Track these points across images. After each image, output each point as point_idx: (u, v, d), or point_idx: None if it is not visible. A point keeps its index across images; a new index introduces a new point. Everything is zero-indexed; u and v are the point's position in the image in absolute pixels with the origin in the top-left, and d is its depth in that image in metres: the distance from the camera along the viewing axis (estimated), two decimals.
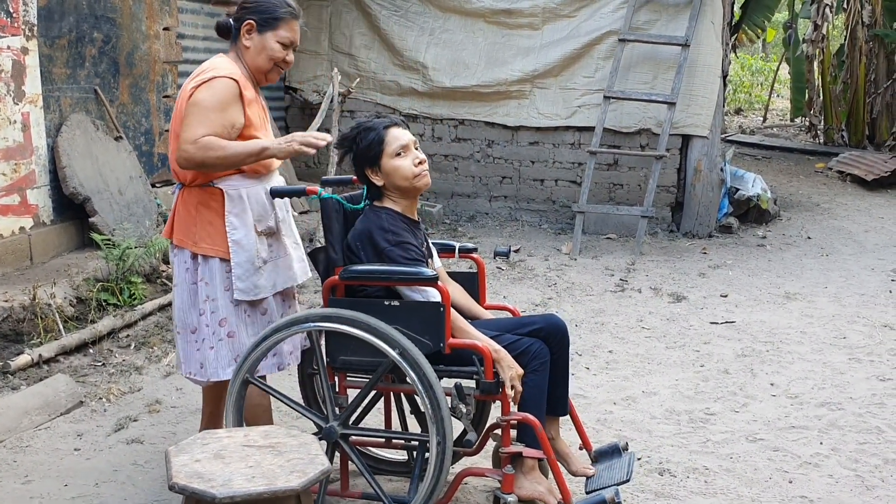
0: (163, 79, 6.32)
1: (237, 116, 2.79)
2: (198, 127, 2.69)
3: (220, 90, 2.75)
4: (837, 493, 3.11)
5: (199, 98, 2.73)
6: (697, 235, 7.39)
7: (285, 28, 2.89)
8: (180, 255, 2.90)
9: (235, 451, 2.12)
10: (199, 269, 2.86)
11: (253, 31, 2.88)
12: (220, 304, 2.85)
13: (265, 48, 2.87)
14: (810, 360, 4.50)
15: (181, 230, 2.88)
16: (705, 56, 7.23)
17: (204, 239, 2.84)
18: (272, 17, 2.87)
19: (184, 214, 2.87)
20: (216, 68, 2.81)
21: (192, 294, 2.89)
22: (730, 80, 17.28)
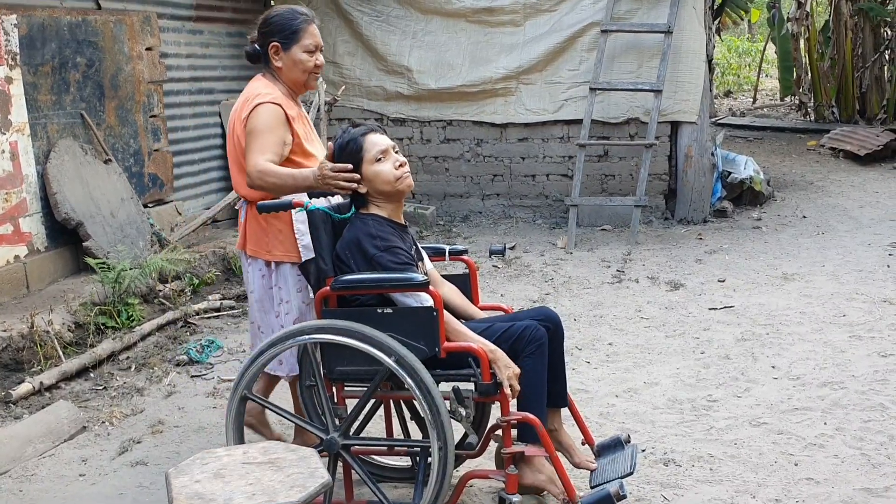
0: (148, 99, 6.33)
1: (286, 135, 3.05)
2: (258, 155, 2.96)
3: (266, 116, 3.00)
4: (843, 472, 3.10)
5: (252, 126, 3.00)
6: (692, 221, 7.39)
7: (306, 36, 3.10)
8: (255, 264, 3.16)
9: (235, 470, 2.12)
10: (273, 276, 3.12)
11: (279, 51, 3.10)
12: (294, 304, 3.11)
13: (296, 62, 3.11)
14: (811, 341, 4.50)
15: (253, 241, 3.14)
16: (689, 41, 7.23)
17: (276, 247, 3.09)
18: (292, 32, 3.09)
19: (255, 227, 3.13)
20: (259, 94, 3.06)
21: (270, 299, 3.16)
22: (717, 64, 17.31)
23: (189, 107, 6.95)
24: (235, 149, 3.12)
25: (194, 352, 4.57)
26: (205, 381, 4.30)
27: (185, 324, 5.08)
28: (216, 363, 4.53)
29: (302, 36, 3.09)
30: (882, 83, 13.16)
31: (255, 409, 3.29)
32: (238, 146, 3.10)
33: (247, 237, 3.16)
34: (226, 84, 7.48)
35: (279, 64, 3.12)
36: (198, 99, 7.07)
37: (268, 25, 3.12)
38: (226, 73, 7.49)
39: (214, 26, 7.33)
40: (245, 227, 3.16)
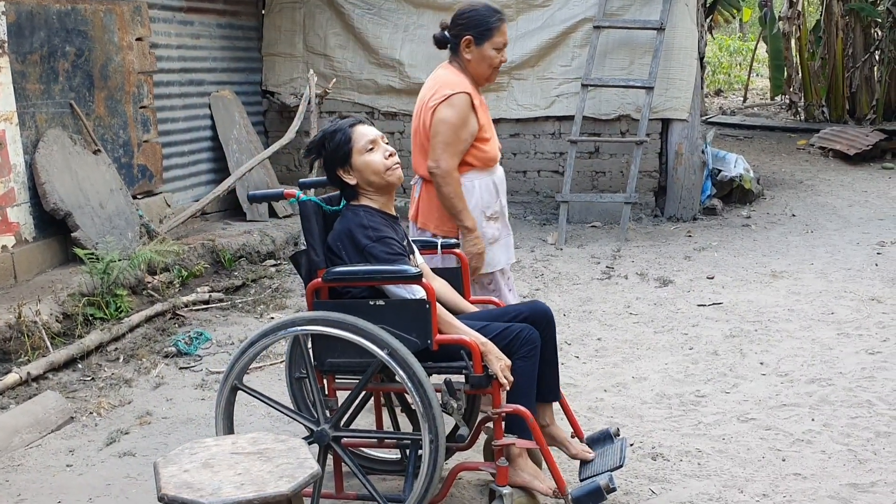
0: (138, 89, 6.28)
1: (473, 125, 3.28)
2: (448, 155, 3.23)
3: (458, 106, 3.24)
4: (831, 468, 3.12)
5: (445, 116, 3.23)
6: (682, 219, 7.41)
7: (498, 34, 3.30)
8: (422, 236, 3.40)
9: (224, 460, 2.11)
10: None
11: (471, 44, 3.30)
12: None
13: (484, 58, 3.32)
14: (799, 338, 4.52)
15: (424, 216, 3.41)
16: (681, 39, 7.24)
17: (445, 223, 3.33)
18: (486, 29, 3.28)
19: (427, 203, 3.39)
20: (451, 84, 3.28)
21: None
22: (708, 62, 17.34)
23: (179, 98, 6.91)
24: (420, 131, 3.35)
25: (183, 344, 4.55)
26: (193, 373, 4.28)
27: (173, 316, 5.06)
28: (204, 355, 4.51)
29: (494, 34, 3.28)
30: (872, 83, 13.24)
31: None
32: (423, 129, 3.32)
33: (419, 211, 3.44)
34: (216, 76, 7.44)
35: (469, 56, 3.31)
36: (188, 90, 7.03)
37: (465, 18, 3.30)
38: (216, 65, 7.45)
39: (205, 17, 7.29)
40: (419, 202, 3.45)
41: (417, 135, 3.39)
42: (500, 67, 3.38)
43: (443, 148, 3.23)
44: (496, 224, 3.41)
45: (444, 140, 3.23)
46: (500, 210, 3.45)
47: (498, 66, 3.35)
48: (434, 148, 3.25)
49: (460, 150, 3.26)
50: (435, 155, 3.25)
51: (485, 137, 3.34)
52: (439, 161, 3.23)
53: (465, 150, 3.28)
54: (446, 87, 3.26)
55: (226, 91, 7.48)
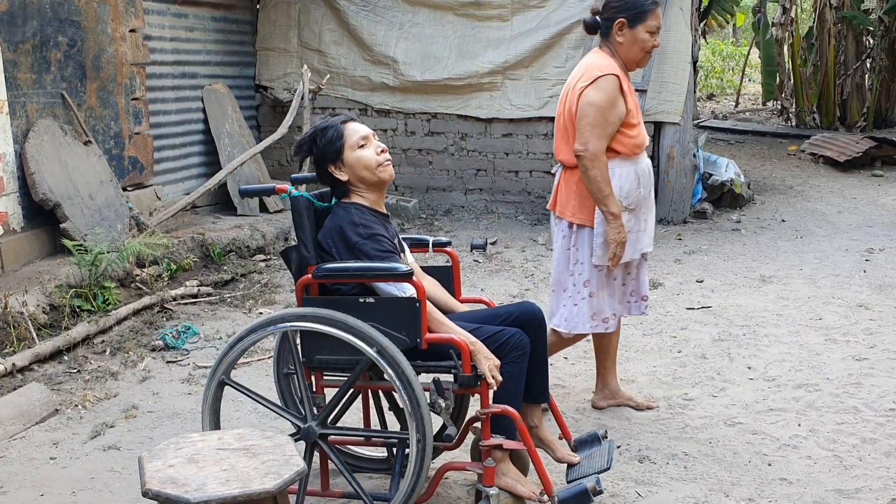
0: (131, 81, 6.25)
1: (621, 108, 3.26)
2: (599, 139, 3.20)
3: (607, 88, 3.22)
4: (816, 473, 3.13)
5: (593, 99, 3.21)
6: (672, 222, 7.43)
7: (652, 18, 3.28)
8: (560, 224, 3.44)
9: (209, 455, 2.10)
10: (572, 237, 3.40)
11: (624, 27, 3.28)
12: (586, 267, 3.39)
13: (637, 41, 3.29)
14: (787, 343, 4.53)
15: (562, 203, 3.42)
16: (675, 42, 7.26)
17: (581, 211, 3.35)
18: (641, 12, 3.27)
19: (565, 190, 3.40)
20: (599, 66, 3.25)
21: (567, 258, 3.43)
22: (701, 66, 17.40)
23: (171, 91, 6.87)
24: (565, 115, 3.33)
25: (170, 337, 4.53)
26: (180, 367, 4.26)
27: (161, 309, 5.03)
28: (192, 349, 4.49)
29: (649, 17, 3.26)
30: (863, 91, 13.30)
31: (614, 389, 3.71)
32: (569, 113, 3.30)
33: (557, 198, 3.44)
34: (209, 69, 7.40)
35: (621, 39, 3.29)
36: (181, 83, 6.99)
37: (619, 1, 3.29)
38: (209, 58, 7.42)
39: (200, 10, 7.25)
40: (557, 189, 3.45)
41: (561, 119, 3.37)
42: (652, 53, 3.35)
43: (590, 130, 3.20)
44: (630, 216, 3.37)
45: (592, 122, 3.20)
46: (638, 201, 3.39)
47: (650, 51, 3.31)
48: (581, 131, 3.23)
49: (608, 134, 3.23)
50: (583, 138, 3.22)
51: (632, 123, 3.30)
52: (587, 143, 3.20)
53: (612, 134, 3.25)
54: (595, 70, 3.25)
55: (219, 85, 7.45)
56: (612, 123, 3.24)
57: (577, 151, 3.26)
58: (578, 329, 3.45)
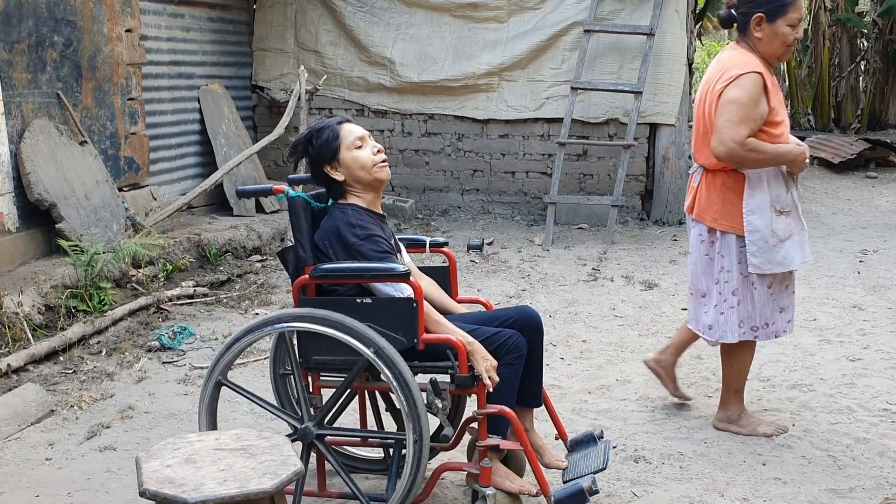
0: (127, 81, 6.25)
1: (764, 106, 3.12)
2: (740, 127, 3.06)
3: (749, 86, 3.08)
4: (810, 473, 3.15)
5: (733, 96, 3.08)
6: (667, 223, 7.44)
7: (793, 10, 3.13)
8: (697, 227, 3.34)
9: (207, 455, 2.10)
10: (715, 243, 3.29)
11: (763, 22, 3.14)
12: (734, 275, 3.27)
13: (777, 35, 3.15)
14: (781, 343, 4.54)
15: (701, 207, 3.30)
16: (670, 44, 7.28)
17: (724, 217, 3.23)
18: (780, 5, 3.12)
19: (706, 194, 3.28)
20: (739, 64, 3.13)
21: (705, 264, 3.34)
22: (697, 68, 17.40)
23: (168, 91, 6.87)
24: (704, 118, 3.21)
25: (166, 338, 4.53)
26: (176, 368, 4.26)
27: (157, 310, 5.03)
28: (188, 350, 4.49)
29: (789, 10, 3.12)
30: (857, 93, 13.36)
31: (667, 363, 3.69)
32: (708, 115, 3.18)
33: (696, 201, 3.32)
34: (206, 69, 7.40)
35: (759, 35, 3.16)
36: (177, 83, 6.99)
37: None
38: (206, 59, 7.42)
39: (196, 10, 7.25)
40: (696, 192, 3.32)
41: (701, 121, 3.24)
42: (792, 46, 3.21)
43: (727, 126, 3.07)
44: (787, 219, 3.23)
45: (729, 118, 3.07)
46: (793, 203, 3.26)
47: (792, 44, 3.18)
48: (718, 129, 3.10)
49: (755, 127, 3.08)
50: (718, 135, 3.09)
51: (776, 121, 3.16)
52: (724, 140, 3.07)
53: (754, 132, 3.10)
54: (735, 68, 3.12)
55: (215, 85, 7.45)
56: (753, 121, 3.09)
57: (714, 152, 3.14)
58: (727, 338, 3.34)
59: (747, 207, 3.19)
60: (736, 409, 3.49)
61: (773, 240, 3.20)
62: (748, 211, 3.19)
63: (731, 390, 3.49)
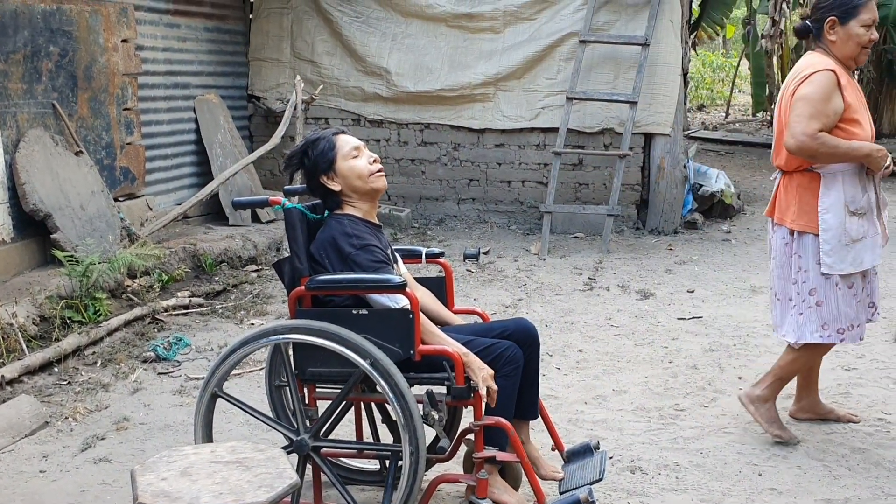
0: (122, 91, 6.25)
1: (838, 103, 3.15)
2: (811, 121, 3.10)
3: (820, 82, 3.13)
4: (806, 483, 3.15)
5: (804, 93, 3.14)
6: (663, 232, 7.46)
7: (865, 11, 3.18)
8: (779, 231, 3.37)
9: (202, 468, 2.10)
10: (794, 244, 3.30)
11: (836, 25, 3.20)
12: (811, 275, 3.28)
13: (851, 37, 3.19)
14: (777, 353, 4.52)
15: (781, 210, 3.35)
16: (665, 55, 7.31)
17: (801, 217, 3.26)
18: (852, 7, 3.18)
19: (784, 196, 3.33)
20: (813, 64, 3.19)
21: (788, 266, 3.35)
22: (691, 78, 17.50)
23: (164, 101, 6.88)
24: (782, 120, 3.25)
25: (161, 349, 4.52)
26: (172, 379, 4.25)
27: (152, 320, 5.02)
28: (183, 361, 4.48)
29: (861, 11, 3.16)
30: None
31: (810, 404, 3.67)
32: (784, 117, 3.22)
33: (776, 205, 3.38)
34: (202, 79, 7.41)
35: (833, 38, 3.21)
36: (173, 93, 7.00)
37: (827, 1, 3.21)
38: (202, 69, 7.42)
39: (192, 21, 7.26)
40: (776, 196, 3.38)
41: (779, 124, 3.30)
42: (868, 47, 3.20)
43: (797, 120, 3.11)
44: (861, 220, 3.23)
45: (800, 112, 3.11)
46: (869, 205, 3.25)
47: (868, 45, 3.19)
48: (790, 124, 3.14)
49: (827, 122, 3.11)
50: (790, 130, 3.12)
51: (852, 118, 3.17)
52: (795, 133, 3.09)
53: (828, 127, 3.12)
54: (809, 68, 3.18)
55: (211, 95, 7.45)
56: (826, 116, 3.11)
57: (786, 145, 3.17)
58: (806, 338, 3.33)
59: (822, 206, 3.22)
60: (767, 393, 3.50)
61: (846, 239, 3.21)
62: (822, 209, 3.22)
63: (777, 376, 3.51)
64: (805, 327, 3.33)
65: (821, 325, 3.31)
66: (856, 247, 3.24)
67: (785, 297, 3.40)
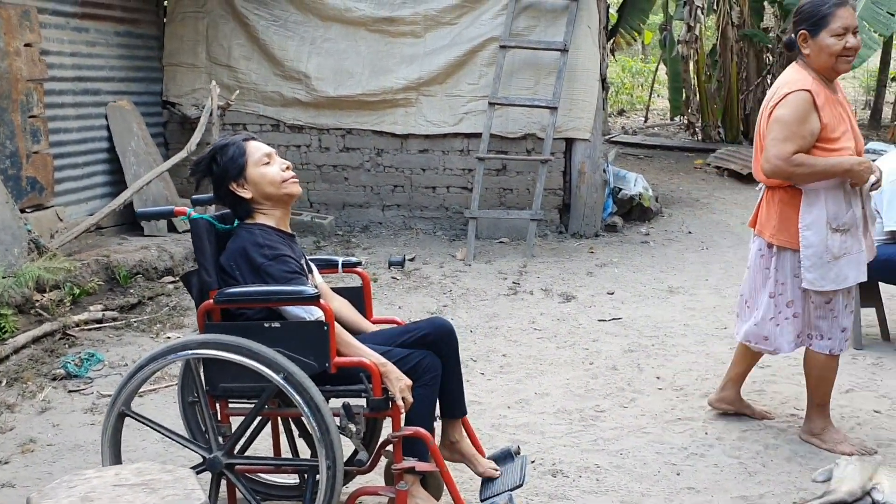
0: (27, 98, 5.99)
1: (814, 123, 3.17)
2: (785, 144, 3.15)
3: (794, 104, 3.16)
4: (722, 481, 3.21)
5: (778, 115, 3.18)
6: (584, 235, 7.56)
7: (834, 20, 3.18)
8: (757, 241, 3.42)
9: (105, 492, 2.00)
10: (772, 258, 3.34)
11: (808, 38, 3.24)
12: (789, 288, 3.33)
13: (822, 48, 3.20)
14: (694, 352, 4.65)
15: (762, 222, 3.39)
16: (584, 60, 7.41)
17: (781, 232, 3.29)
18: (820, 18, 3.20)
19: (766, 210, 3.37)
20: (790, 83, 3.23)
21: (763, 277, 3.40)
22: (611, 83, 17.83)
23: (73, 108, 6.63)
24: (760, 136, 3.29)
25: (72, 365, 4.34)
26: (83, 397, 4.09)
27: (63, 336, 4.83)
28: (96, 377, 4.31)
29: (830, 20, 3.17)
30: None
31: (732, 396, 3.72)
32: (762, 133, 3.27)
33: (757, 216, 3.43)
34: (113, 85, 7.17)
35: (807, 51, 3.25)
36: (83, 100, 6.75)
37: (798, 14, 3.27)
38: (114, 74, 7.19)
39: (102, 24, 7.02)
40: (758, 208, 3.42)
41: (758, 139, 3.34)
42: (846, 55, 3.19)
43: (772, 144, 3.17)
44: (844, 237, 3.23)
45: (775, 136, 3.16)
46: (854, 221, 3.26)
47: (843, 54, 3.18)
48: (766, 147, 3.20)
49: (800, 143, 3.14)
50: (765, 153, 3.19)
51: (830, 137, 3.18)
52: (779, 154, 3.14)
53: (804, 148, 3.15)
54: (784, 87, 3.22)
55: (124, 101, 7.22)
56: (802, 137, 3.16)
57: (762, 169, 3.24)
58: (783, 349, 3.41)
59: (803, 223, 3.24)
60: (819, 422, 3.51)
61: (827, 256, 3.22)
62: (804, 226, 3.24)
63: (815, 404, 3.51)
64: (781, 338, 3.40)
65: (795, 334, 3.39)
66: (838, 263, 3.24)
67: (754, 305, 3.47)
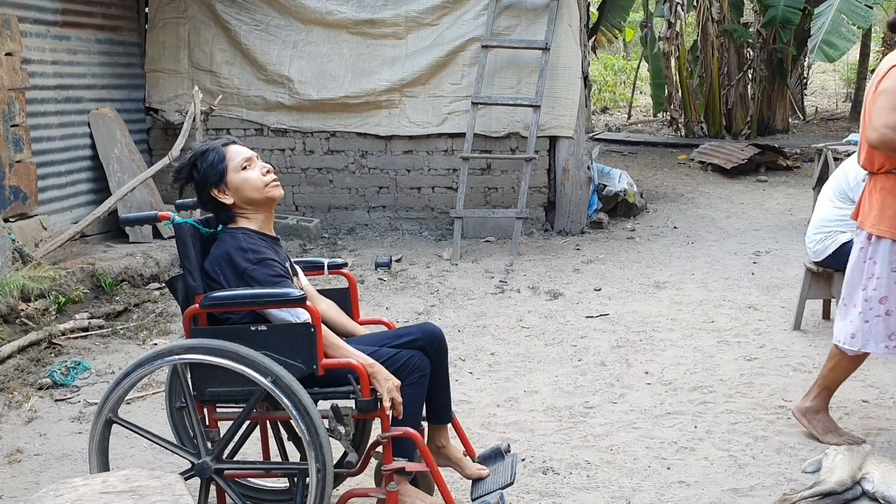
0: (9, 107, 5.95)
1: None
2: (892, 112, 3.00)
3: None
4: (713, 474, 3.23)
5: (885, 86, 3.06)
6: (570, 233, 7.58)
7: None
8: (860, 234, 3.26)
9: (92, 500, 1.99)
10: (869, 249, 3.19)
11: None
12: (884, 282, 3.16)
13: None
14: (681, 346, 4.67)
15: (863, 213, 3.24)
16: (565, 58, 7.43)
17: (882, 221, 3.14)
18: None
19: (868, 199, 3.22)
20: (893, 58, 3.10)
21: (861, 271, 3.23)
22: (594, 80, 17.89)
23: (55, 116, 6.59)
24: (867, 117, 3.14)
25: (59, 374, 4.31)
26: (70, 406, 4.06)
27: (49, 345, 4.79)
28: (82, 386, 4.28)
29: None
30: (746, 100, 13.96)
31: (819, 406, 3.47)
32: (869, 111, 3.12)
33: (860, 208, 3.27)
34: (96, 92, 7.13)
35: None
36: (65, 108, 6.71)
37: None
38: (96, 81, 7.15)
39: (83, 32, 6.98)
40: (862, 199, 3.28)
41: (864, 122, 3.19)
42: None
43: (878, 113, 3.02)
44: None
45: (882, 105, 3.02)
46: None
47: None
48: (871, 118, 3.05)
49: None
50: (871, 123, 3.04)
51: None
52: (875, 124, 3.00)
53: None
54: (889, 62, 3.10)
55: (106, 108, 7.18)
56: None
57: (868, 140, 3.07)
58: (869, 347, 3.24)
59: None
60: (818, 404, 3.46)
61: None
62: None
63: (822, 386, 3.46)
64: (869, 335, 3.23)
65: (887, 334, 3.22)
66: None
67: (851, 303, 3.29)
